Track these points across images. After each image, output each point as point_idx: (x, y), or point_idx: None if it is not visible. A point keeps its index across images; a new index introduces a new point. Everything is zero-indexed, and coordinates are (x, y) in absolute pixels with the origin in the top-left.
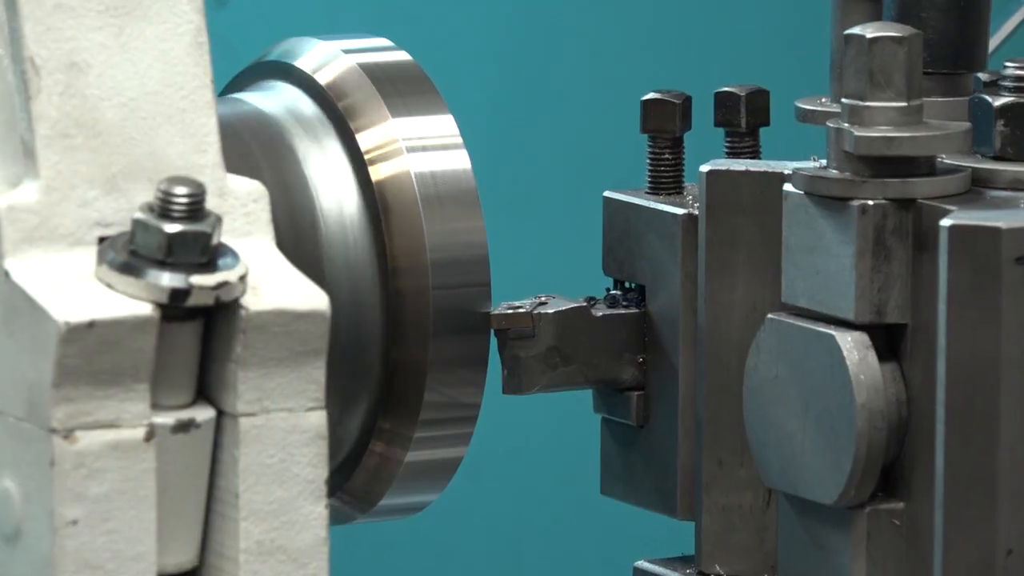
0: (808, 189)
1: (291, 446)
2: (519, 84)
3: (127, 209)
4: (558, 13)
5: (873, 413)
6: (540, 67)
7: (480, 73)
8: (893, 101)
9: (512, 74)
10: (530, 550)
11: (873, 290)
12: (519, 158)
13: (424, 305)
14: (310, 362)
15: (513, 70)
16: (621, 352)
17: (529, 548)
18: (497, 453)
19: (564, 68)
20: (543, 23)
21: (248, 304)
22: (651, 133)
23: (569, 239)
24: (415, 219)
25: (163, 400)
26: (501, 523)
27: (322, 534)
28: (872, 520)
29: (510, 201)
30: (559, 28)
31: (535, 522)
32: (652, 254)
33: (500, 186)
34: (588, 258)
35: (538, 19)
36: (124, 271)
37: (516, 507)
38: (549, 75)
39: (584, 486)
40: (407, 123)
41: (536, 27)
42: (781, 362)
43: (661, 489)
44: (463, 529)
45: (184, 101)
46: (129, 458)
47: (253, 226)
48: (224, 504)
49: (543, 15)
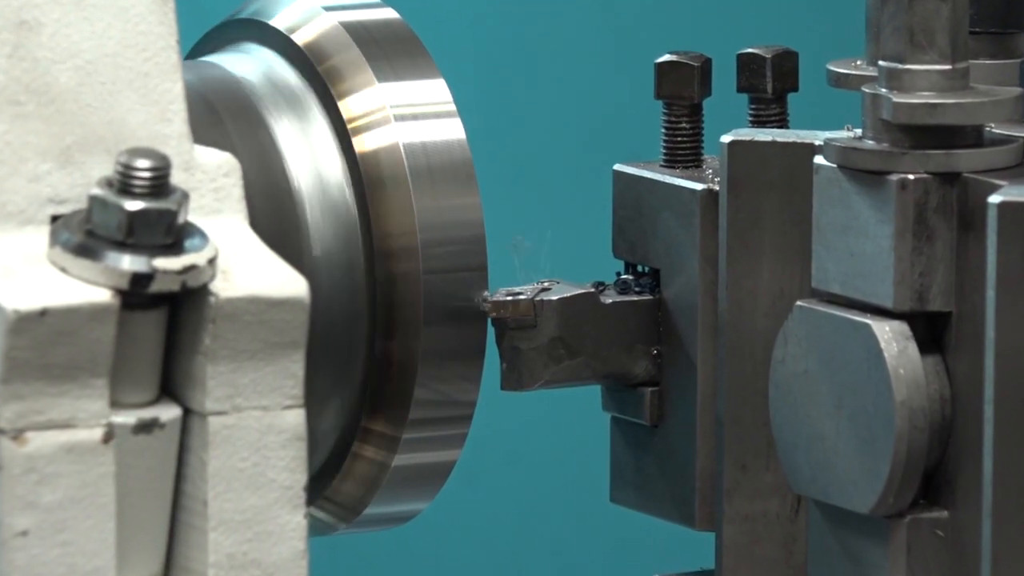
0: (841, 162)
1: (266, 448)
2: (518, 44)
3: (83, 184)
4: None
5: (914, 411)
6: (542, 25)
7: (475, 32)
8: (936, 64)
9: (511, 33)
10: (530, 565)
11: (914, 274)
12: (519, 127)
13: (414, 291)
14: (287, 355)
15: (512, 28)
16: (633, 344)
17: (529, 563)
18: (494, 456)
19: (569, 27)
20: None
21: (218, 290)
22: (666, 99)
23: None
24: (404, 195)
25: (123, 397)
26: (498, 535)
27: (300, 546)
28: (913, 531)
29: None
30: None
31: (536, 534)
32: (667, 234)
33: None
34: (596, 239)
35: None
36: (80, 253)
37: (515, 517)
38: (552, 34)
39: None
40: (395, 88)
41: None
42: (811, 355)
43: (677, 496)
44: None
45: (147, 64)
46: (85, 462)
47: (223, 203)
48: (191, 513)
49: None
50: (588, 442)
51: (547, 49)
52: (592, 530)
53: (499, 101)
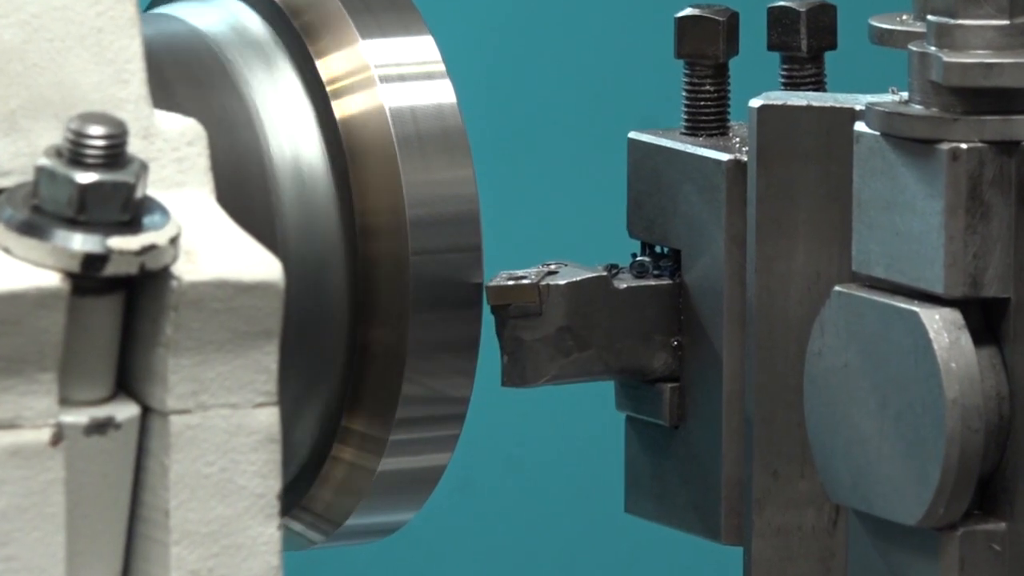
0: (885, 129)
1: (235, 451)
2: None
3: (28, 154)
4: None
5: (967, 410)
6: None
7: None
8: (992, 18)
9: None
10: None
11: (967, 256)
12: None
13: (401, 274)
14: (259, 346)
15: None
16: (650, 334)
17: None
18: (492, 461)
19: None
20: None
21: (181, 273)
22: (688, 58)
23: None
24: (390, 166)
25: (74, 394)
26: (495, 549)
27: (273, 562)
28: (966, 544)
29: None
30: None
31: (539, 549)
32: (689, 211)
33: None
34: (609, 216)
35: None
36: (25, 232)
37: (515, 530)
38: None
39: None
40: (379, 46)
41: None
42: (851, 347)
43: (700, 506)
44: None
45: (100, 18)
46: (31, 466)
47: (187, 175)
48: (151, 524)
49: None
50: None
51: (553, 2)
52: (603, 545)
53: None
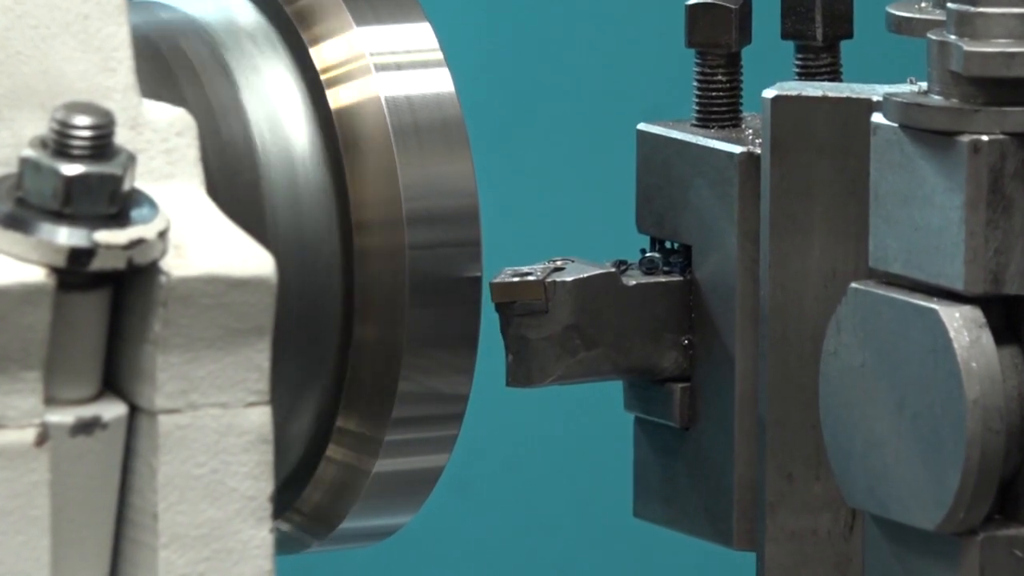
0: (904, 121)
1: (225, 452)
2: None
3: (12, 145)
4: None
5: (988, 411)
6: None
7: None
8: (1014, 6)
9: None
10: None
11: (988, 251)
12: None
13: (398, 269)
14: (250, 344)
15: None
16: (660, 332)
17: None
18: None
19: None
20: None
21: (170, 268)
22: (699, 47)
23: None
24: (386, 158)
25: (60, 393)
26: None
27: (266, 566)
28: (987, 550)
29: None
30: None
31: (541, 555)
32: (700, 205)
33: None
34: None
35: None
36: (9, 225)
37: (516, 534)
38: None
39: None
40: (375, 33)
41: None
42: (868, 346)
43: (712, 510)
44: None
45: (86, 5)
46: (15, 467)
47: (176, 167)
48: (139, 528)
49: None
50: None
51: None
52: (610, 550)
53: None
